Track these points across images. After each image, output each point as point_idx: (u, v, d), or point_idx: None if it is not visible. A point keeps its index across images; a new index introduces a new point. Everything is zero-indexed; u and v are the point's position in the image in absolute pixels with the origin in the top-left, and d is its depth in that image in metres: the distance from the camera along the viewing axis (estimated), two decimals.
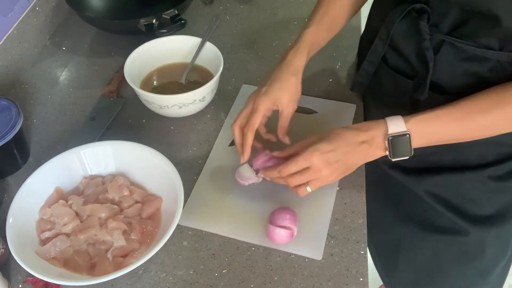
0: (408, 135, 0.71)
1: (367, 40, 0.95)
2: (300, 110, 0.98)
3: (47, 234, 0.76)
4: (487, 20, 0.69)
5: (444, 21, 0.74)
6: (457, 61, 0.75)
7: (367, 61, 0.87)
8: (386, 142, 0.72)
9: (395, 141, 0.72)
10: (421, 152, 0.81)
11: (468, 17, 0.71)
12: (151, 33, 1.05)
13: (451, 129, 0.73)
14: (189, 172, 0.88)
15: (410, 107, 0.84)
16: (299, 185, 0.76)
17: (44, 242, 0.75)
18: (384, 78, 0.87)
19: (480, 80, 0.75)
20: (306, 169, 0.74)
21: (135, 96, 0.98)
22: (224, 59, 0.96)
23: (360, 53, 1.05)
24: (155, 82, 1.02)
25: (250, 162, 0.84)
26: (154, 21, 1.07)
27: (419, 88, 0.80)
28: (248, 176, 0.83)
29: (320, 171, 0.73)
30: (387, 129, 0.72)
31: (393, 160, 0.73)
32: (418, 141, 0.73)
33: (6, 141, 0.83)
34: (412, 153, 0.73)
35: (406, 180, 0.91)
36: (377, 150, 0.74)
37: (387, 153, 0.73)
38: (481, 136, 0.75)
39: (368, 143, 0.73)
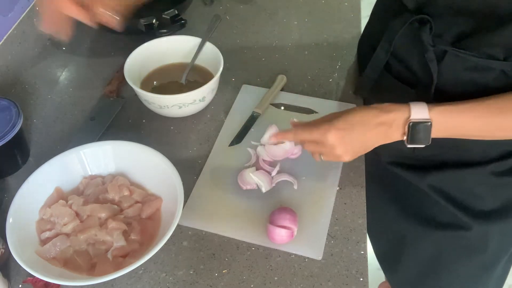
0: (429, 123, 0.70)
1: (367, 45, 0.94)
2: (300, 110, 0.98)
3: (47, 234, 0.76)
4: (494, 28, 0.68)
5: (448, 32, 0.73)
6: (460, 71, 0.75)
7: (369, 68, 0.87)
8: (406, 127, 0.71)
9: (416, 128, 0.71)
10: (424, 152, 0.80)
11: (473, 27, 0.71)
12: (151, 33, 1.05)
13: (473, 124, 0.72)
14: (189, 172, 0.88)
15: None
16: (314, 153, 0.77)
17: (44, 242, 0.75)
18: (386, 85, 0.87)
19: (484, 90, 0.74)
20: (320, 142, 0.74)
21: (135, 96, 0.98)
22: (224, 59, 0.96)
23: (360, 57, 1.05)
24: (155, 82, 1.02)
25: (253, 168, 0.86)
26: (154, 21, 1.07)
27: (422, 98, 0.80)
28: (248, 181, 0.84)
29: (333, 148, 0.73)
30: (410, 114, 0.71)
31: (408, 146, 0.72)
32: (438, 132, 0.72)
33: (6, 141, 0.83)
34: (430, 142, 0.71)
35: (409, 175, 0.91)
36: (395, 133, 0.73)
37: (405, 138, 0.72)
38: (503, 136, 0.74)
39: (387, 125, 0.72)
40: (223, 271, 0.75)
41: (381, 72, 0.86)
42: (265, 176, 0.84)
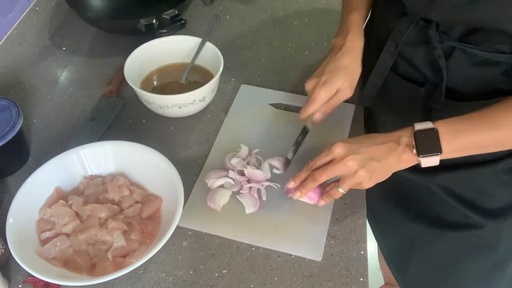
0: (435, 130, 0.70)
1: (367, 50, 0.93)
2: (299, 110, 0.98)
3: (47, 234, 0.76)
4: (499, 22, 0.68)
5: (454, 28, 0.73)
6: (469, 66, 0.75)
7: (375, 74, 0.86)
8: (413, 139, 0.71)
9: (421, 135, 0.70)
10: None
11: (477, 27, 0.71)
12: (151, 33, 1.05)
13: (482, 131, 0.71)
14: (189, 172, 0.88)
15: (422, 113, 0.84)
16: (330, 188, 0.76)
17: (44, 242, 0.75)
18: (393, 85, 0.87)
19: (493, 84, 0.74)
20: (330, 162, 0.73)
21: (135, 96, 0.98)
22: (224, 59, 0.96)
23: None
24: (155, 82, 1.02)
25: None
26: (154, 21, 1.07)
27: (432, 95, 0.79)
28: (219, 200, 0.81)
29: (344, 162, 0.71)
30: (413, 128, 0.72)
31: (422, 161, 0.71)
32: (449, 142, 0.70)
33: (6, 141, 0.83)
34: (441, 152, 0.70)
35: (417, 177, 0.90)
36: (405, 150, 0.72)
37: (414, 151, 0.71)
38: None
39: (394, 142, 0.72)
40: (223, 271, 0.75)
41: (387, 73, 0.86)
42: (250, 198, 0.82)
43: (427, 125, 0.71)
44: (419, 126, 0.71)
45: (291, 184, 0.77)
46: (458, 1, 0.68)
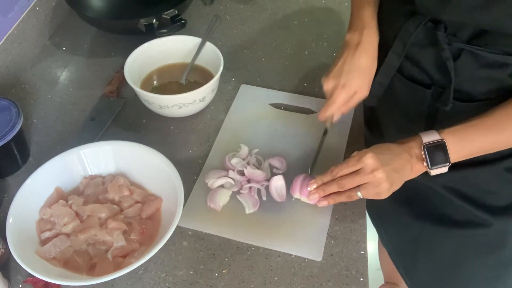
0: (443, 142, 0.72)
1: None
2: (299, 110, 0.98)
3: (47, 234, 0.76)
4: (508, 24, 0.68)
5: (462, 30, 0.73)
6: (476, 68, 0.75)
7: (381, 74, 0.86)
8: (423, 152, 0.72)
9: (431, 149, 0.72)
10: None
11: (486, 29, 0.71)
12: (151, 33, 1.05)
13: (486, 137, 0.72)
14: (189, 172, 0.88)
15: (428, 116, 0.84)
16: (350, 190, 0.75)
17: (44, 242, 0.75)
18: (397, 86, 0.86)
19: (500, 86, 0.75)
20: (358, 171, 0.73)
21: (135, 96, 0.98)
22: (224, 59, 0.96)
23: None
24: (155, 82, 1.02)
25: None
26: (154, 21, 1.07)
27: (439, 97, 0.79)
28: (219, 200, 0.82)
29: (373, 173, 0.71)
30: (421, 140, 0.73)
31: (431, 172, 0.73)
32: (456, 151, 0.72)
33: (6, 141, 0.83)
34: (450, 163, 0.72)
35: (421, 178, 0.90)
36: (417, 161, 0.73)
37: (425, 164, 0.73)
38: None
39: (408, 153, 0.73)
40: (223, 271, 0.75)
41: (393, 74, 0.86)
42: (250, 198, 0.82)
43: (434, 136, 0.72)
44: (426, 138, 0.73)
45: (313, 187, 0.77)
46: (472, 3, 0.68)
